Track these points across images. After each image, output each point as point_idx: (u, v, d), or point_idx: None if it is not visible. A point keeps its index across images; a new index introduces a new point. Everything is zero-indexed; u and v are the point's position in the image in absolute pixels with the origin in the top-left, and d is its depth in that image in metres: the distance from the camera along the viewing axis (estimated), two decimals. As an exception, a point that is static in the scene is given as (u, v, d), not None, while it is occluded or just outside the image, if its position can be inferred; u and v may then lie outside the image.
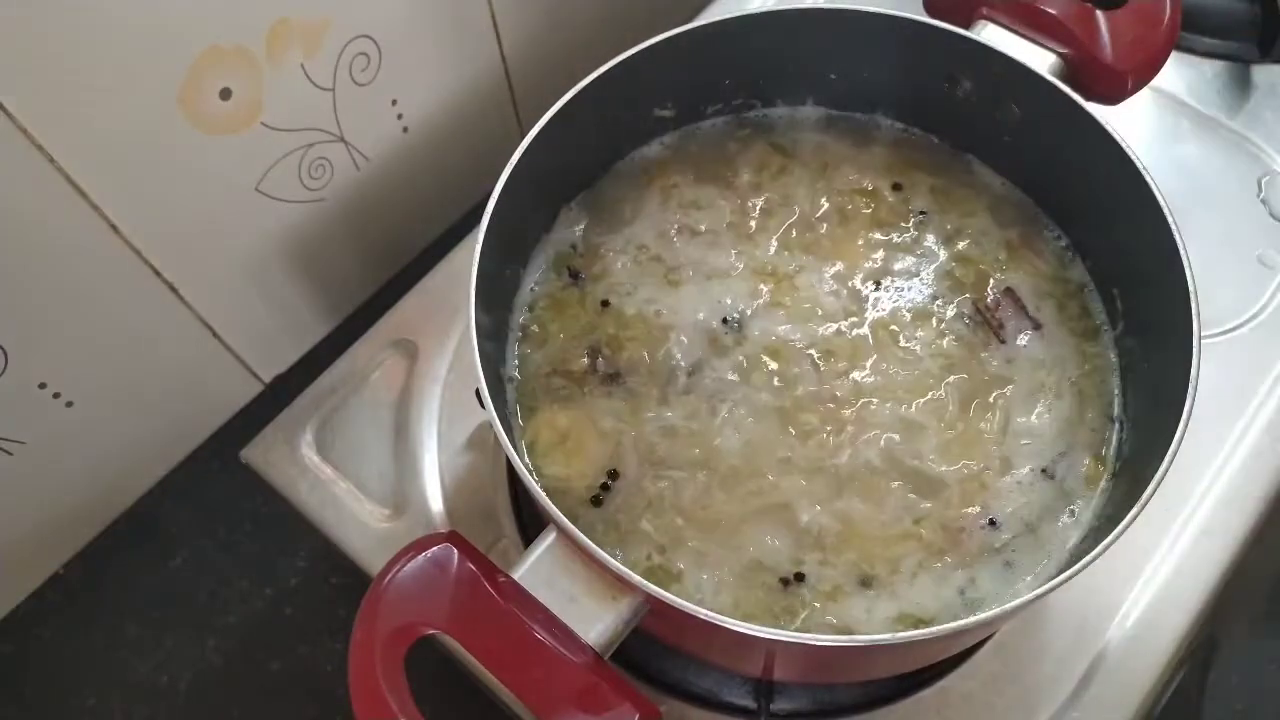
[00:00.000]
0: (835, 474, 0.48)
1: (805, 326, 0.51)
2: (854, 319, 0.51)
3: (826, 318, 0.51)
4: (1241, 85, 0.68)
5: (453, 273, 0.61)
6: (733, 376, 0.50)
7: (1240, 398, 0.57)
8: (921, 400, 0.49)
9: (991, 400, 0.49)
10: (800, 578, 0.45)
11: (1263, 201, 0.63)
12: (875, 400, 0.49)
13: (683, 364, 0.50)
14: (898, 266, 0.53)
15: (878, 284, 0.52)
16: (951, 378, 0.50)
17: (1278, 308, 0.59)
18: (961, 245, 0.53)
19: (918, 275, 0.53)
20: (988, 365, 0.50)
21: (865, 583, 0.45)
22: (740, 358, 0.50)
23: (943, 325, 0.51)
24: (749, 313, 0.51)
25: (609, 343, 0.51)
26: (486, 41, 0.65)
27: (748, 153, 0.56)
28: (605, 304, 0.51)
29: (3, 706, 0.62)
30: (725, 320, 0.51)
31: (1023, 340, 0.51)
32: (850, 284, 0.52)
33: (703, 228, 0.54)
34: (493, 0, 0.63)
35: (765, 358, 0.50)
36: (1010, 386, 0.50)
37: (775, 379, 0.50)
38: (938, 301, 0.52)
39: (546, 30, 0.68)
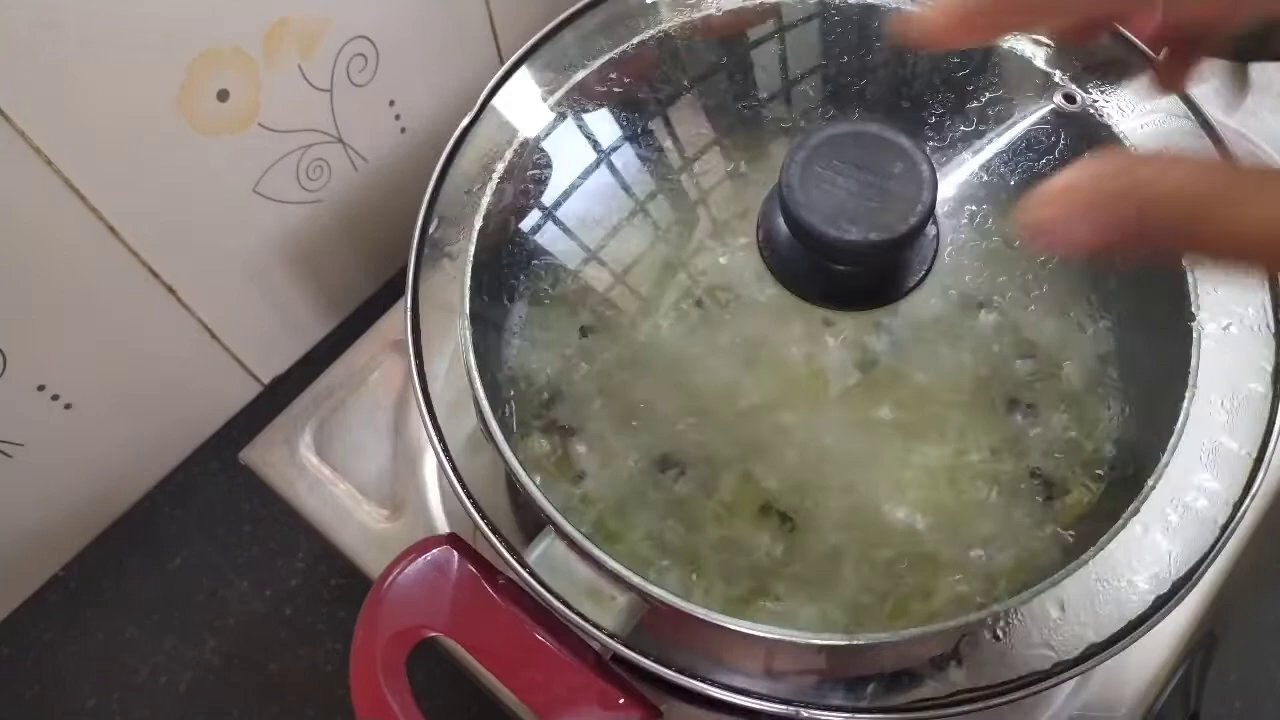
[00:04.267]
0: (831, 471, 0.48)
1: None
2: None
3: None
4: (1239, 83, 0.68)
5: (451, 272, 0.61)
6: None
7: (1239, 395, 0.57)
8: (910, 395, 0.49)
9: (986, 394, 0.49)
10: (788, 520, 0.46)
11: (1261, 199, 0.63)
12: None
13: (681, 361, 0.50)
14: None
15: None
16: (943, 366, 0.50)
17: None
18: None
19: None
20: (986, 361, 0.50)
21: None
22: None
23: (933, 309, 0.51)
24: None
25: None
26: (484, 42, 0.65)
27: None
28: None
29: (3, 708, 0.62)
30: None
31: (1026, 329, 0.51)
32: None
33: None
34: (490, 1, 0.63)
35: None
36: (1007, 380, 0.50)
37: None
38: (935, 292, 0.52)
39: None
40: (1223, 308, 0.58)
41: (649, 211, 0.55)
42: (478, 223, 0.46)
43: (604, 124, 0.53)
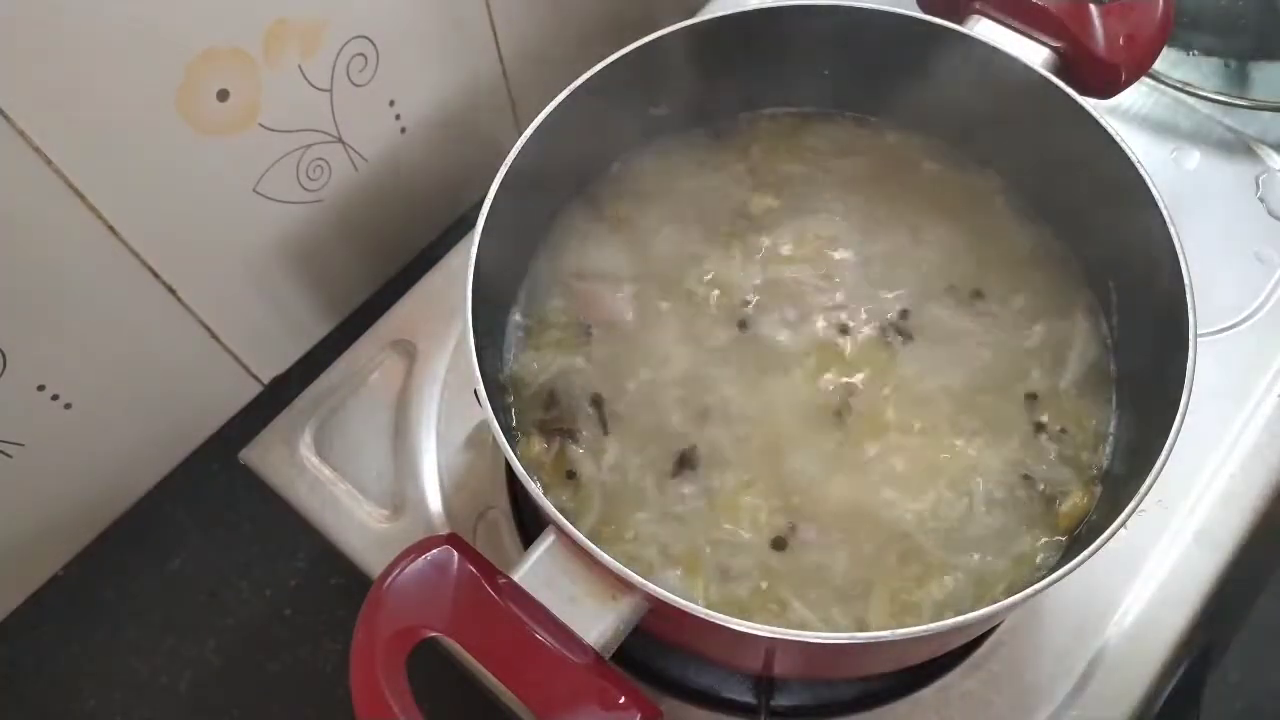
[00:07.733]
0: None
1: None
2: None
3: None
4: (1239, 82, 0.68)
5: (451, 273, 0.61)
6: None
7: (1239, 395, 0.57)
8: (909, 397, 0.49)
9: (986, 393, 0.50)
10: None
11: (1260, 199, 0.63)
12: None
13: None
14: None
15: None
16: (942, 370, 0.50)
17: (1275, 305, 0.59)
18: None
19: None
20: (980, 357, 0.50)
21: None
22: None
23: (932, 313, 0.51)
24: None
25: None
26: (484, 42, 0.65)
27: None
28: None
29: (3, 708, 0.62)
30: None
31: (1024, 331, 0.51)
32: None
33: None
34: (490, 1, 0.63)
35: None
36: (1004, 378, 0.50)
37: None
38: (925, 291, 0.52)
39: (544, 30, 0.68)
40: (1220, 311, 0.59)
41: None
42: (480, 224, 0.45)
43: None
